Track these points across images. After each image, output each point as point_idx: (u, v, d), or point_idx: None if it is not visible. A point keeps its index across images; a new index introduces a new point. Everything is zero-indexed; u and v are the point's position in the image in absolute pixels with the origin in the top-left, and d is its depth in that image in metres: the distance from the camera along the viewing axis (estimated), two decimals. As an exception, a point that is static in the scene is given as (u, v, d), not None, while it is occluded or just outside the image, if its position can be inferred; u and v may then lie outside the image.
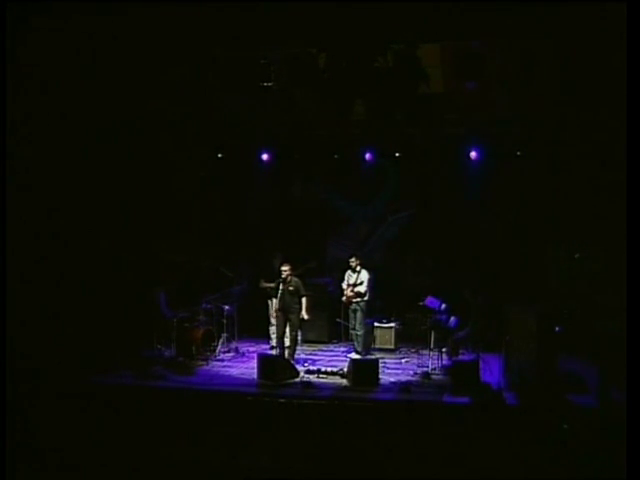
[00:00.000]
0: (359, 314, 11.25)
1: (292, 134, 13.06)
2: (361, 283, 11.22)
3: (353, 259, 11.37)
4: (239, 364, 10.85)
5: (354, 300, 11.24)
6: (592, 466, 7.10)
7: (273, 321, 11.70)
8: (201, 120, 12.70)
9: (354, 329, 11.33)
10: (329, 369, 10.09)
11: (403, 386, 9.27)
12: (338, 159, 13.18)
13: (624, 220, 6.97)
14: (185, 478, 7.63)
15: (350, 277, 11.36)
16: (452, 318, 10.79)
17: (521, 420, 7.97)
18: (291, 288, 10.71)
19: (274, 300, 11.41)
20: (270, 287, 11.57)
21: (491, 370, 9.68)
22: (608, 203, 10.89)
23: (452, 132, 12.36)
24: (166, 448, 7.90)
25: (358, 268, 11.32)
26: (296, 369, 9.79)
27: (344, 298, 11.39)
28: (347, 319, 11.61)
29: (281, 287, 11.10)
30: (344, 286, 11.43)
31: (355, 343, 11.32)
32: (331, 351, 11.87)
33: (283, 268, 10.79)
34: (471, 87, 9.59)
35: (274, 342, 11.60)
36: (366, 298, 11.28)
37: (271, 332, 11.78)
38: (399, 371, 10.32)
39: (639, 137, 6.55)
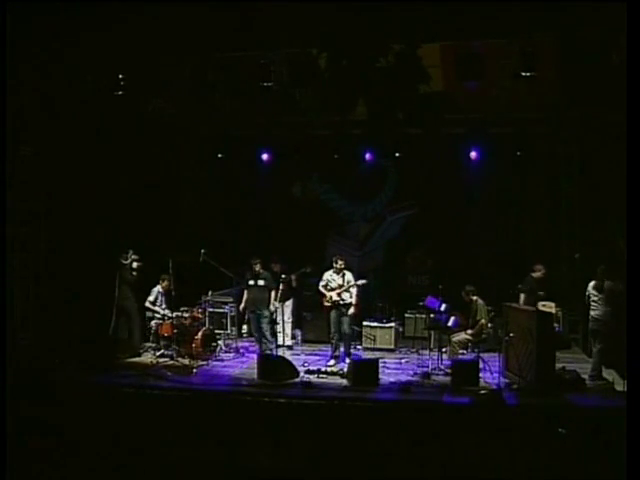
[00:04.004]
0: (347, 319, 10.73)
1: (292, 134, 13.07)
2: (349, 286, 10.71)
3: (340, 261, 10.83)
4: (239, 364, 10.85)
5: (343, 303, 10.71)
6: (592, 466, 7.09)
7: (278, 319, 11.67)
8: (201, 120, 12.71)
9: (337, 333, 10.76)
10: (329, 369, 10.07)
11: (403, 386, 9.26)
12: (338, 159, 13.18)
13: (624, 220, 6.96)
14: (185, 478, 7.63)
15: (333, 280, 10.81)
16: (452, 318, 10.79)
17: (521, 420, 7.96)
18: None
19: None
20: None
21: (491, 370, 9.68)
22: (608, 202, 10.91)
23: (452, 132, 12.36)
24: (166, 448, 7.89)
25: (344, 270, 10.85)
26: (296, 369, 9.78)
27: (328, 302, 10.80)
28: (329, 322, 10.95)
29: (281, 287, 11.11)
30: (321, 289, 10.88)
31: (342, 345, 10.88)
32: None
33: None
34: (471, 87, 9.58)
35: (280, 341, 11.61)
36: (355, 298, 10.80)
37: (276, 331, 11.75)
38: (399, 371, 10.32)
39: (639, 136, 6.54)
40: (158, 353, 10.94)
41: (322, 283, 10.97)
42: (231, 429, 8.07)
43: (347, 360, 10.47)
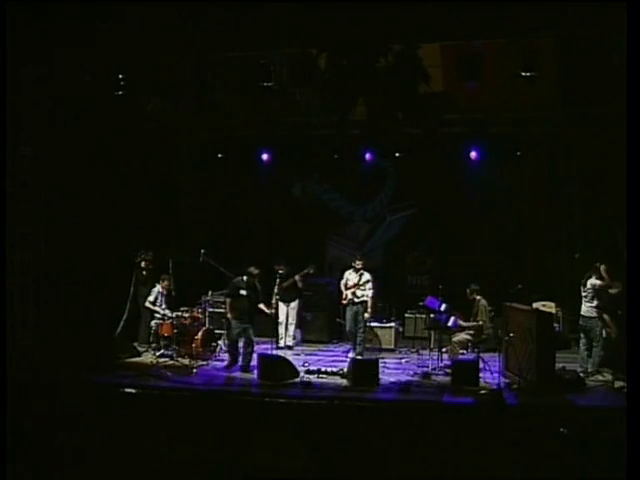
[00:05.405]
0: (361, 316, 11.00)
1: (292, 134, 13.07)
2: (365, 283, 10.95)
3: (359, 262, 11.07)
4: (239, 364, 10.82)
5: (358, 301, 10.97)
6: (592, 466, 7.09)
7: (281, 320, 11.71)
8: (201, 120, 12.72)
9: (355, 330, 11.09)
10: (329, 369, 10.08)
11: (403, 386, 9.26)
12: (338, 159, 13.18)
13: (624, 219, 6.97)
14: (185, 478, 7.63)
15: (350, 279, 11.08)
16: (452, 318, 10.78)
17: (521, 420, 7.96)
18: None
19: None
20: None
21: (491, 370, 9.68)
22: (608, 202, 10.91)
23: (452, 132, 12.37)
24: (166, 448, 7.88)
25: (361, 270, 11.08)
26: (296, 369, 9.78)
27: (344, 300, 11.10)
28: (345, 319, 11.31)
29: (277, 287, 11.16)
30: (342, 287, 11.17)
31: (356, 343, 11.17)
32: (331, 351, 11.86)
33: None
34: (471, 87, 9.59)
35: (282, 342, 11.65)
36: (370, 299, 11.04)
37: (280, 331, 11.79)
38: (399, 371, 10.32)
39: (639, 136, 6.53)
40: (158, 353, 10.93)
41: (342, 281, 11.21)
42: (231, 429, 8.07)
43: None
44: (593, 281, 9.54)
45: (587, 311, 9.62)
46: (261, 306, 10.52)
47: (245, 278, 10.33)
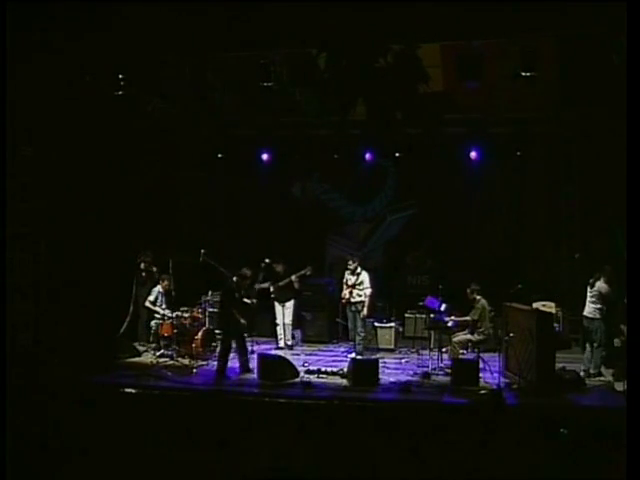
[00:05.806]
0: (360, 315, 11.15)
1: (292, 134, 13.07)
2: (361, 283, 11.10)
3: (351, 262, 11.25)
4: (239, 364, 10.83)
5: (354, 301, 11.15)
6: (592, 466, 7.09)
7: (279, 321, 11.74)
8: (201, 120, 12.71)
9: (355, 329, 11.27)
10: (329, 369, 10.08)
11: (403, 386, 9.26)
12: (338, 159, 13.18)
13: (624, 220, 6.96)
14: (185, 478, 7.63)
15: (349, 279, 11.25)
16: (450, 323, 10.78)
17: (521, 420, 7.96)
18: None
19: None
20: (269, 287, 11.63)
21: (491, 370, 9.68)
22: (608, 203, 10.91)
23: (452, 132, 12.37)
24: (166, 448, 7.88)
25: (358, 270, 11.22)
26: (296, 369, 9.79)
27: (343, 300, 11.32)
28: (346, 319, 11.58)
29: (272, 289, 11.20)
30: (344, 287, 11.33)
31: (355, 343, 11.27)
32: (331, 351, 11.87)
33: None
34: (471, 87, 9.59)
35: (282, 343, 11.67)
36: (367, 299, 11.16)
37: (278, 332, 11.81)
38: (399, 371, 10.32)
39: (639, 136, 6.53)
40: (158, 353, 10.94)
41: (344, 280, 11.34)
42: (231, 429, 8.07)
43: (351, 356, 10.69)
44: (601, 284, 9.52)
45: (590, 312, 9.62)
46: (244, 299, 10.58)
47: (235, 279, 10.34)
